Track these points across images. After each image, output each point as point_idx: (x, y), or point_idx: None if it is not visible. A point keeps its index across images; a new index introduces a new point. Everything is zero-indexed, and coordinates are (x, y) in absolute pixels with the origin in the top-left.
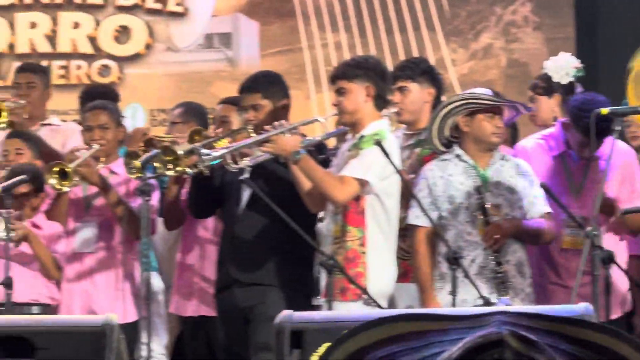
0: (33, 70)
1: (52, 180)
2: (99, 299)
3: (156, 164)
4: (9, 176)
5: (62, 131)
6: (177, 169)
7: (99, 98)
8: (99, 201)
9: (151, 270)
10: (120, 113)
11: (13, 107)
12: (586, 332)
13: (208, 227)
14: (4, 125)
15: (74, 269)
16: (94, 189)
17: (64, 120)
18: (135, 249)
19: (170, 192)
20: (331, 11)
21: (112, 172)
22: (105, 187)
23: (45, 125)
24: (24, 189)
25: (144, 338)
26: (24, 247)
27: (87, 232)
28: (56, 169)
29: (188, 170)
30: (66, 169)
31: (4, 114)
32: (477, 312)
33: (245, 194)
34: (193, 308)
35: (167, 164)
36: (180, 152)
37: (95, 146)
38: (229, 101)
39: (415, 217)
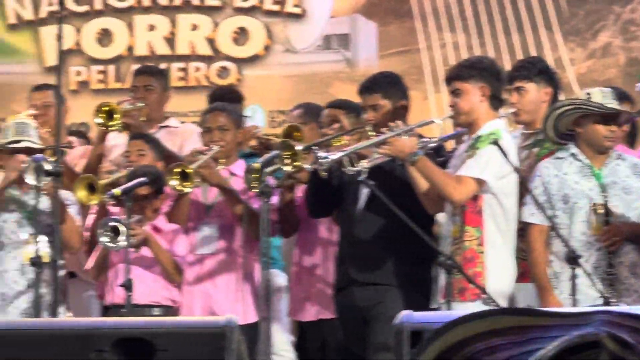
0: (151, 72)
1: (174, 182)
2: (219, 300)
3: (270, 168)
4: (129, 178)
5: (180, 133)
6: (295, 163)
7: (226, 99)
8: (220, 202)
9: (276, 268)
10: (240, 115)
11: (129, 110)
12: None
13: (325, 229)
14: (118, 127)
15: (194, 270)
16: (214, 191)
17: (183, 122)
18: (255, 249)
19: (284, 196)
20: (449, 12)
21: (232, 173)
22: (225, 189)
23: (163, 128)
24: (144, 191)
25: (264, 339)
26: (145, 251)
27: (208, 234)
28: (177, 170)
29: (306, 165)
30: (187, 171)
31: (117, 116)
32: (580, 311)
33: (363, 195)
34: (310, 312)
35: (285, 158)
36: (298, 147)
37: (215, 148)
38: (335, 105)
39: (530, 214)
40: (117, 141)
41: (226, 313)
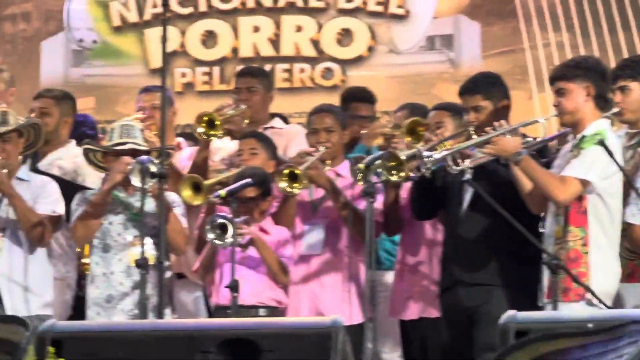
0: (253, 74)
1: (282, 184)
2: (326, 301)
3: (379, 169)
4: (236, 179)
5: (285, 134)
6: (401, 174)
7: (359, 99)
8: (326, 203)
9: (387, 269)
10: (345, 116)
11: (231, 115)
12: None
13: (429, 228)
14: (221, 135)
15: (301, 271)
16: (321, 192)
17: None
18: (361, 250)
19: (388, 196)
20: (553, 11)
21: (338, 174)
22: (332, 190)
23: (267, 129)
24: (251, 192)
25: (369, 340)
26: (251, 251)
27: (315, 235)
28: (286, 172)
29: (411, 174)
30: (296, 172)
31: (218, 123)
32: (609, 325)
33: (467, 195)
34: (413, 311)
35: (391, 169)
36: (403, 157)
37: (322, 149)
38: (441, 107)
39: (632, 215)
40: (222, 144)
41: (332, 313)
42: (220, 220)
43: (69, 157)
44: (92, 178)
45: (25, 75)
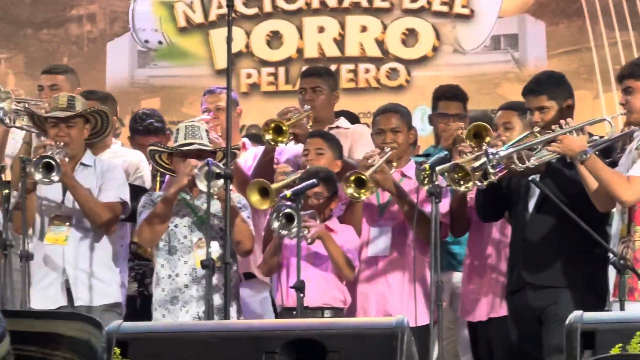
0: (318, 74)
1: (349, 190)
2: (393, 302)
3: (447, 175)
4: (303, 178)
5: (350, 134)
6: (468, 185)
7: (447, 97)
8: (393, 206)
9: (458, 270)
10: (410, 116)
11: (297, 120)
12: None
13: (496, 229)
14: (288, 141)
15: (368, 272)
16: (388, 194)
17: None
18: (427, 251)
19: (455, 198)
20: (619, 10)
21: (404, 175)
22: (398, 193)
23: (332, 129)
24: (319, 190)
25: (435, 341)
26: (317, 248)
27: (382, 236)
28: (353, 178)
29: (478, 184)
30: (363, 177)
31: (285, 129)
32: None
33: (534, 197)
34: (481, 312)
35: (458, 180)
36: (469, 168)
37: (388, 150)
38: (509, 106)
39: None
40: (285, 145)
41: (399, 314)
42: (286, 210)
43: (116, 158)
44: (148, 175)
45: (91, 76)
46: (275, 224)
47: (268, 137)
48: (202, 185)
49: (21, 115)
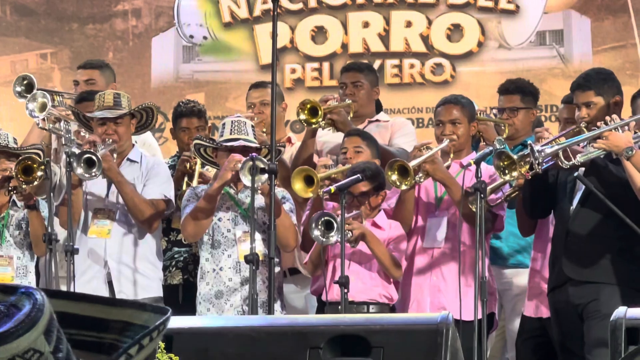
0: (359, 69)
1: (393, 177)
2: (447, 294)
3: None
4: (348, 174)
5: (390, 126)
6: (513, 174)
7: (518, 91)
8: (449, 197)
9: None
10: (474, 108)
11: (335, 106)
12: None
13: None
14: (323, 123)
15: (422, 263)
16: None
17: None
18: (481, 246)
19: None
20: None
21: (463, 166)
22: (449, 184)
23: (372, 122)
24: (364, 187)
25: (485, 338)
26: (362, 247)
27: (437, 228)
28: (396, 166)
29: (524, 172)
30: (406, 167)
31: (320, 112)
32: None
33: (579, 192)
34: (532, 307)
35: (504, 169)
36: (515, 156)
37: (446, 141)
38: (571, 101)
39: None
40: (327, 137)
41: (452, 307)
42: (325, 218)
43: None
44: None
45: (136, 71)
46: (316, 233)
47: (302, 116)
48: (245, 179)
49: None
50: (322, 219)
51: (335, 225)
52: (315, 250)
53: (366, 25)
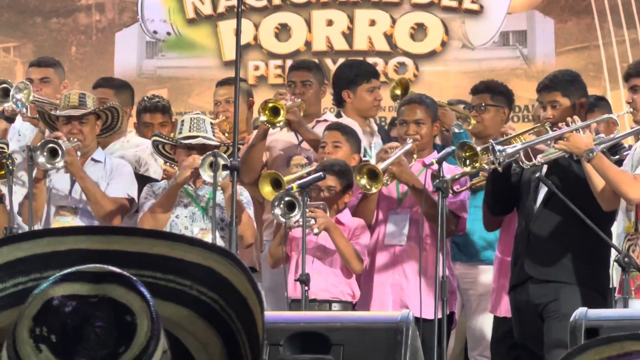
0: (307, 67)
1: (362, 181)
2: (409, 292)
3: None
4: (316, 170)
5: None
6: (475, 165)
7: (490, 91)
8: (411, 195)
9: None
10: (437, 108)
11: (290, 106)
12: None
13: None
14: (281, 124)
15: (385, 261)
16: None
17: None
18: (445, 244)
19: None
20: (627, 8)
21: (426, 165)
22: (414, 186)
23: (320, 122)
24: (332, 183)
25: (445, 337)
26: (325, 241)
27: (399, 225)
28: (365, 169)
29: (485, 166)
30: (376, 170)
31: (282, 112)
32: None
33: (542, 192)
34: (506, 307)
35: (465, 160)
36: (478, 148)
37: (410, 142)
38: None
39: None
40: (276, 136)
41: (414, 306)
42: (287, 198)
43: (130, 147)
44: (155, 167)
45: (99, 66)
46: (277, 211)
47: (264, 117)
48: (206, 176)
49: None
50: (285, 198)
51: (297, 206)
52: (274, 243)
53: (330, 23)
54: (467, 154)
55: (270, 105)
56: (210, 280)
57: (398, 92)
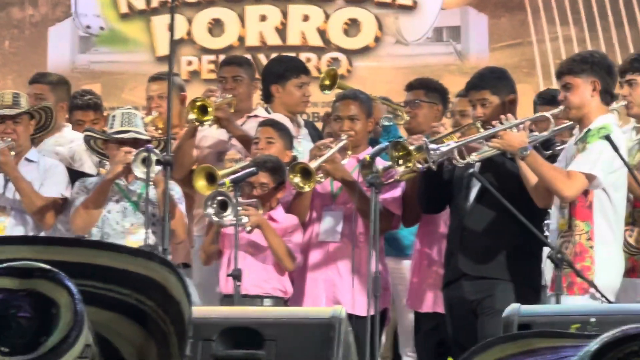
0: (238, 63)
1: (296, 180)
2: (343, 289)
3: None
4: (249, 166)
5: None
6: (408, 164)
7: (423, 87)
8: (345, 191)
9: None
10: (371, 104)
11: (220, 103)
12: None
13: (445, 221)
14: (210, 122)
15: (318, 258)
16: None
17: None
18: (378, 241)
19: (407, 187)
20: (560, 5)
21: (360, 161)
22: (349, 184)
23: (251, 118)
24: (264, 179)
25: (378, 333)
26: (256, 237)
27: (333, 222)
28: (298, 167)
29: (418, 165)
30: (309, 169)
31: (210, 110)
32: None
33: (475, 188)
34: (428, 303)
35: (398, 159)
36: (411, 147)
37: (343, 138)
38: (465, 95)
39: None
40: (205, 133)
41: (347, 302)
42: (219, 197)
43: (65, 142)
44: (89, 163)
45: (32, 60)
46: (209, 211)
47: (192, 116)
48: (138, 171)
49: None
50: (217, 198)
51: (229, 205)
52: (207, 239)
53: (263, 18)
54: (400, 153)
55: (198, 103)
56: (149, 289)
57: (327, 82)
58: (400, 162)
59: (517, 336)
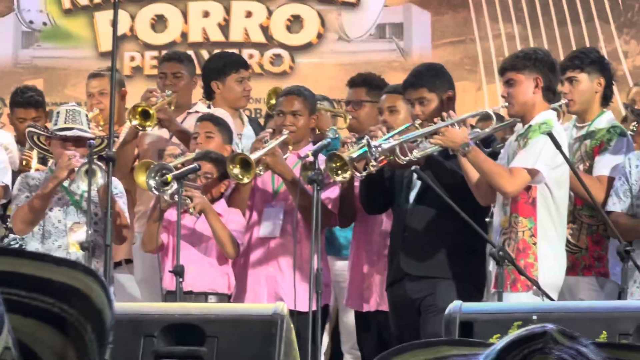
0: (179, 59)
1: (235, 171)
2: (283, 286)
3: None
4: (193, 160)
5: None
6: (345, 175)
7: (366, 84)
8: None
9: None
10: (315, 100)
11: (161, 104)
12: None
13: (383, 219)
14: (154, 125)
15: (259, 254)
16: None
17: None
18: (319, 238)
19: (341, 187)
20: (503, 2)
21: (301, 158)
22: (289, 178)
23: (191, 114)
24: (207, 170)
25: (319, 329)
26: (201, 228)
27: (273, 218)
28: (238, 159)
29: (357, 174)
30: (248, 160)
31: (153, 113)
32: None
33: (415, 188)
34: (370, 303)
35: (336, 170)
36: (347, 158)
37: (285, 133)
38: (393, 90)
39: (612, 204)
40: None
41: (289, 299)
42: (164, 170)
43: None
44: (13, 158)
45: None
46: (151, 183)
47: (135, 122)
48: (83, 184)
49: None
50: (161, 170)
51: (173, 182)
52: (149, 219)
53: (206, 14)
54: (337, 164)
55: (140, 109)
56: (72, 298)
57: (273, 101)
58: (339, 172)
59: (430, 343)
